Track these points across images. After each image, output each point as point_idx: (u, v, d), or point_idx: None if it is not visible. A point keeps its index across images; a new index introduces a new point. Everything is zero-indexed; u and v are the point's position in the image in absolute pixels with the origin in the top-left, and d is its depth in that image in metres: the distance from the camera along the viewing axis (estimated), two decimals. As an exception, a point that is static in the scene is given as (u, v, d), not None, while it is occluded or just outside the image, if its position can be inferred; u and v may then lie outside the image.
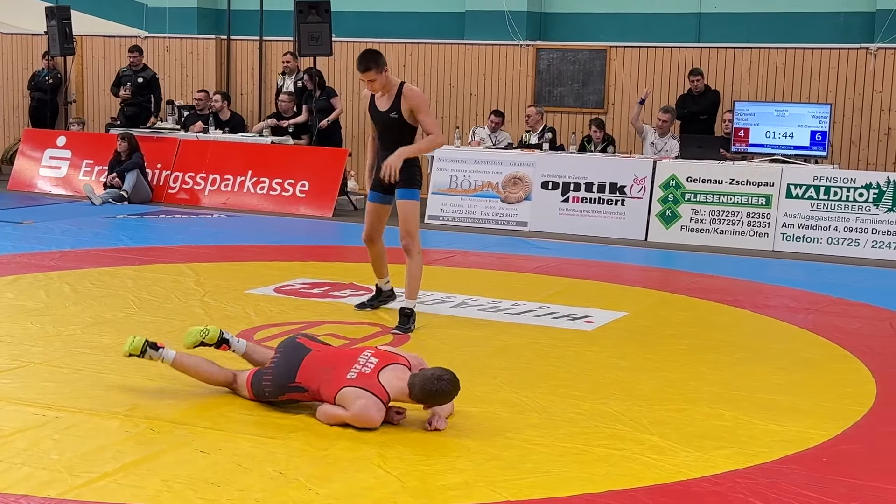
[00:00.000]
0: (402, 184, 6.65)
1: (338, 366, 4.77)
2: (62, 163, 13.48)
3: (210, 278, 8.07)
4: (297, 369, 4.82)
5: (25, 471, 4.12)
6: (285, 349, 4.96)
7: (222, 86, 15.28)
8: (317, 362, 4.83)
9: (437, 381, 4.60)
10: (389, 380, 4.66)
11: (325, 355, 4.90)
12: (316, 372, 4.79)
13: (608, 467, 4.33)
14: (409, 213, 6.70)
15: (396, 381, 4.65)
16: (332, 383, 4.69)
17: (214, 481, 4.05)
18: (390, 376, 4.68)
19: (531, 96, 13.87)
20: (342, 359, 4.83)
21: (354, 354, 4.85)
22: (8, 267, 8.23)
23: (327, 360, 4.85)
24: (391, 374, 4.68)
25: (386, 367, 4.70)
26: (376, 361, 4.73)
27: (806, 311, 7.58)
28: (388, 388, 4.64)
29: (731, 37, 13.31)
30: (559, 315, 7.19)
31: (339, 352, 5.05)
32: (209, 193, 12.75)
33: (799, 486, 4.16)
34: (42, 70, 15.77)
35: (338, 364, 4.78)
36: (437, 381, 4.60)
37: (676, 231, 10.92)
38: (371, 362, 4.72)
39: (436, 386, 4.59)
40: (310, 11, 12.66)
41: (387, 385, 4.65)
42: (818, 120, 10.96)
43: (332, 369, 4.75)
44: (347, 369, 4.72)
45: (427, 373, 4.66)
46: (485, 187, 11.73)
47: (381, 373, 4.69)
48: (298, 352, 4.90)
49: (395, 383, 4.65)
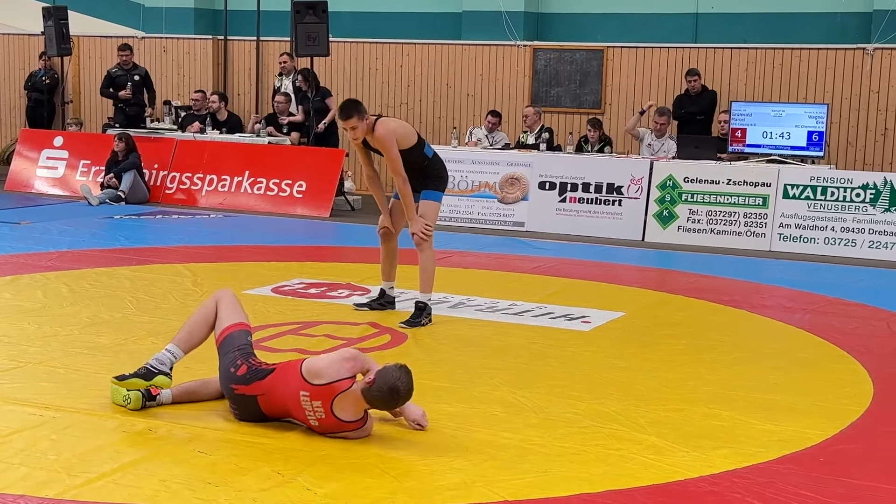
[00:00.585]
0: (429, 185, 6.89)
1: (293, 415, 4.63)
2: (59, 163, 13.46)
3: (207, 278, 8.06)
4: (261, 411, 4.68)
5: (23, 471, 4.11)
6: (237, 403, 4.73)
7: (219, 86, 15.27)
8: (273, 408, 4.67)
9: (392, 392, 4.42)
10: (344, 409, 4.48)
11: (276, 401, 4.65)
12: (279, 413, 4.68)
13: (606, 467, 4.33)
14: (429, 210, 6.86)
15: (351, 407, 4.47)
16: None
17: (212, 481, 4.05)
18: (342, 406, 4.47)
19: (528, 97, 13.88)
20: (293, 408, 4.61)
21: (297, 401, 4.56)
22: (5, 267, 8.22)
23: (280, 407, 4.66)
24: (342, 405, 4.47)
25: (333, 402, 4.48)
26: (320, 404, 4.49)
27: (803, 312, 7.58)
28: (349, 418, 4.49)
29: (727, 37, 13.32)
30: (556, 315, 7.19)
31: (284, 398, 4.64)
32: (206, 194, 12.75)
33: (796, 486, 4.16)
34: (39, 70, 15.76)
35: (292, 413, 4.63)
36: (392, 392, 4.42)
37: (673, 231, 10.93)
38: (318, 409, 4.50)
39: (394, 396, 4.44)
40: (307, 12, 12.66)
41: (345, 416, 4.48)
42: (815, 120, 10.98)
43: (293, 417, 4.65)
44: (307, 421, 4.58)
45: (379, 384, 4.42)
46: (482, 188, 11.73)
47: (334, 409, 4.48)
48: (250, 401, 4.69)
49: (351, 409, 4.47)
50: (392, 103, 14.55)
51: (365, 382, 4.48)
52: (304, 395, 4.52)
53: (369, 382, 4.45)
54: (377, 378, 4.44)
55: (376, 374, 4.47)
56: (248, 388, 4.67)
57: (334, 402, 4.48)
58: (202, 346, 5.09)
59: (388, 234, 7.09)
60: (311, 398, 4.51)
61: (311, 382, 4.51)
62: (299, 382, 4.54)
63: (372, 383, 4.44)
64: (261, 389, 4.65)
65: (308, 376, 4.52)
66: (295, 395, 4.55)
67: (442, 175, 6.98)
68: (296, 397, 4.55)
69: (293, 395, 4.56)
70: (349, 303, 7.35)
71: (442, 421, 4.85)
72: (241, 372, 4.69)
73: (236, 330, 4.88)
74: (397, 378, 4.44)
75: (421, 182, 6.88)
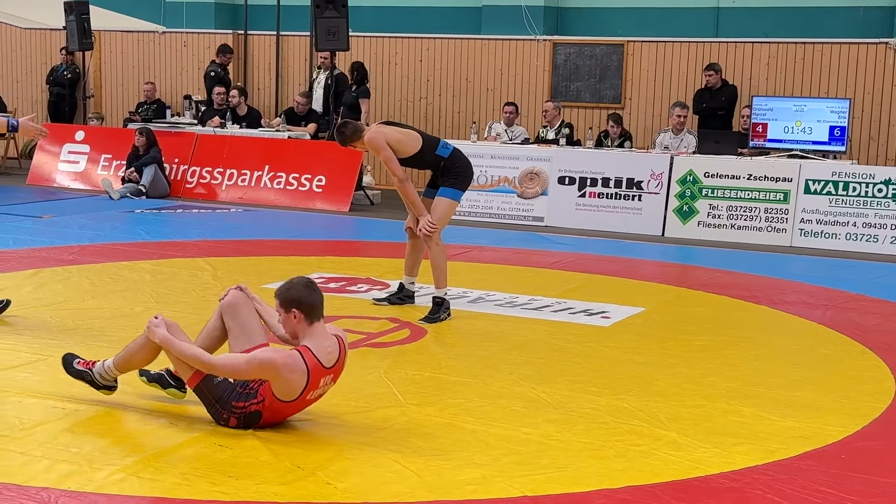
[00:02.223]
0: (447, 183, 6.92)
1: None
2: (81, 157, 13.53)
3: (227, 273, 8.09)
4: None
5: (45, 463, 4.14)
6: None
7: (239, 80, 15.31)
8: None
9: (287, 289, 4.54)
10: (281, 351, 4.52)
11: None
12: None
13: (626, 463, 4.33)
14: (442, 206, 6.89)
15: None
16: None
17: (233, 475, 4.07)
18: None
19: (548, 91, 13.85)
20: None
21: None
22: (27, 261, 8.27)
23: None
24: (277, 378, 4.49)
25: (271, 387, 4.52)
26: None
27: (824, 308, 7.55)
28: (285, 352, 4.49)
29: (749, 31, 13.25)
30: (576, 310, 7.18)
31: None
32: (226, 188, 12.79)
33: (817, 483, 4.15)
34: (61, 65, 15.84)
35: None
36: (287, 289, 4.54)
37: (693, 227, 10.89)
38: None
39: (290, 293, 4.55)
40: (327, 6, 12.68)
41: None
42: (837, 115, 10.91)
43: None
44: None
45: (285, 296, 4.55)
46: (501, 182, 11.72)
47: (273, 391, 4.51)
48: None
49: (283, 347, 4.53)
50: (411, 98, 14.56)
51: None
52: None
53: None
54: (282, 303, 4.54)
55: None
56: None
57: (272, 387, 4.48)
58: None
59: (412, 230, 7.11)
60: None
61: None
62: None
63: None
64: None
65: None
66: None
67: (462, 173, 6.96)
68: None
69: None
70: (369, 297, 7.37)
71: (461, 416, 4.85)
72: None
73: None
74: (287, 287, 4.54)
75: (441, 180, 6.94)
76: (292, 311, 4.56)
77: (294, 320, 4.56)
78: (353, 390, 5.17)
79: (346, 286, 7.77)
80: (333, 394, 5.07)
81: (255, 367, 4.46)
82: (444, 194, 6.91)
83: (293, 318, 4.56)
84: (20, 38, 16.78)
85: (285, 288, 4.60)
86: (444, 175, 6.93)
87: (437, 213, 6.85)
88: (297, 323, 4.56)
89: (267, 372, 4.45)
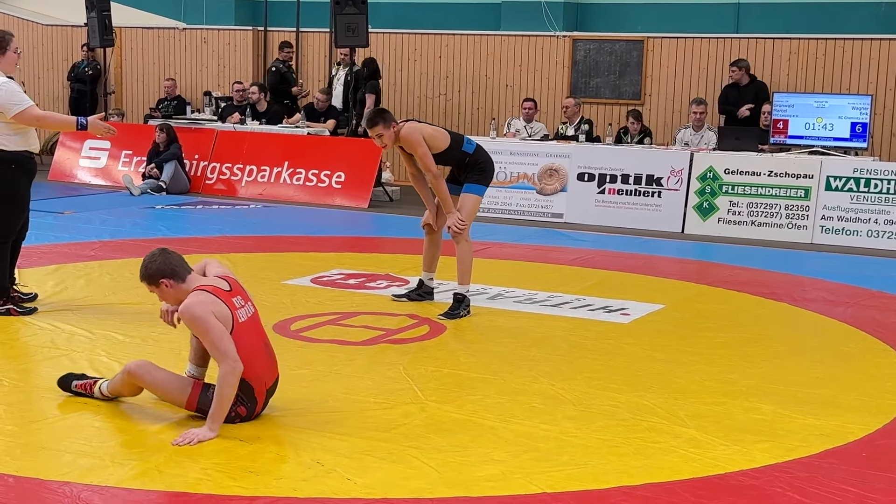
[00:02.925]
0: (472, 179, 6.93)
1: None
2: (101, 153, 13.61)
3: (247, 269, 8.11)
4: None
5: (68, 458, 4.18)
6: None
7: (259, 77, 15.36)
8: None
9: (146, 268, 4.60)
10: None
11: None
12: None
13: (645, 460, 4.33)
14: (468, 203, 6.91)
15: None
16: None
17: (253, 470, 4.09)
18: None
19: (567, 87, 13.83)
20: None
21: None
22: (49, 256, 8.33)
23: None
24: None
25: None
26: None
27: (845, 305, 7.51)
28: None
29: (770, 27, 13.19)
30: (595, 307, 7.17)
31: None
32: (246, 184, 12.83)
33: (838, 481, 4.13)
34: (82, 61, 15.94)
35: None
36: (146, 268, 4.60)
37: (713, 223, 10.86)
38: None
39: (149, 269, 4.60)
40: (346, 3, 12.70)
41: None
42: (858, 111, 10.84)
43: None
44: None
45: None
46: (520, 179, 11.71)
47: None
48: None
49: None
50: (431, 94, 14.56)
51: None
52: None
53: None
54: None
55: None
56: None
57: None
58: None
59: (430, 226, 7.13)
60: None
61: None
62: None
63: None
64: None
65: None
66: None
67: (486, 169, 7.00)
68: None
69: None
70: (388, 293, 7.38)
71: (480, 412, 4.86)
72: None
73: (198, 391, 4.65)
74: (144, 267, 4.60)
75: (465, 176, 6.95)
76: (161, 283, 4.59)
77: (168, 289, 4.60)
78: (373, 386, 5.20)
79: (365, 282, 7.79)
80: (353, 390, 5.12)
81: (210, 334, 4.43)
82: (470, 190, 6.93)
83: (166, 287, 4.59)
84: (42, 34, 16.88)
85: (143, 269, 4.62)
86: (468, 171, 6.95)
87: (465, 210, 6.87)
88: (171, 289, 4.60)
89: (209, 325, 4.41)
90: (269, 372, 4.70)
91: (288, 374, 5.37)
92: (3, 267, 6.42)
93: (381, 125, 6.74)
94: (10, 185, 6.33)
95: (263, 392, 4.64)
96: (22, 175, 6.38)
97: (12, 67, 6.39)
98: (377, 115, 6.82)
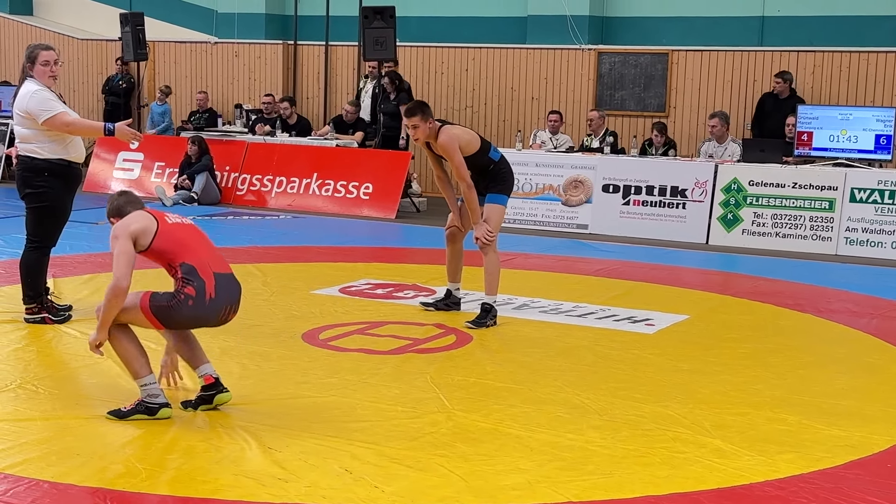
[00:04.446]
0: (494, 189, 6.96)
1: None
2: (135, 165, 13.78)
3: (277, 278, 8.21)
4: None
5: (101, 464, 4.25)
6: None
7: (289, 90, 15.49)
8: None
9: (108, 209, 4.97)
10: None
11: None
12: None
13: (670, 470, 4.35)
14: (493, 214, 6.93)
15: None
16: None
17: (282, 477, 4.15)
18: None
19: (592, 100, 13.88)
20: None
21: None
22: (84, 266, 8.45)
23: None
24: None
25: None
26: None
27: (870, 316, 7.51)
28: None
29: (794, 40, 13.19)
30: (620, 318, 7.21)
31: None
32: (276, 195, 12.96)
33: (863, 492, 4.14)
34: (116, 75, 16.14)
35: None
36: (108, 209, 4.97)
37: (738, 234, 10.87)
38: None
39: (108, 209, 4.98)
40: (375, 17, 12.83)
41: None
42: (883, 123, 10.83)
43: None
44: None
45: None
46: (546, 190, 11.77)
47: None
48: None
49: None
50: (457, 107, 14.65)
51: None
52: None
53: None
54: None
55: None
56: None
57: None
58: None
59: (456, 233, 7.16)
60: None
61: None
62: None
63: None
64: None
65: None
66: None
67: (508, 179, 7.05)
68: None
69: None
70: (415, 303, 7.44)
71: (506, 421, 4.91)
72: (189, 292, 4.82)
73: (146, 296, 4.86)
74: (108, 208, 4.99)
75: (486, 185, 6.96)
76: (111, 220, 4.94)
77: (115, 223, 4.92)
78: (400, 395, 5.26)
79: (392, 292, 7.86)
80: (381, 399, 5.18)
81: (113, 249, 4.78)
82: (494, 200, 6.96)
83: (112, 223, 4.92)
84: (77, 48, 17.11)
85: (107, 210, 5.00)
86: (490, 180, 6.96)
87: (492, 221, 6.91)
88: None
89: (117, 243, 4.76)
90: (213, 260, 4.91)
91: (316, 382, 5.47)
92: (41, 274, 6.53)
93: (419, 116, 6.73)
94: (44, 192, 6.40)
95: (210, 274, 4.82)
96: (58, 183, 6.44)
97: (46, 78, 6.51)
98: (417, 107, 6.80)
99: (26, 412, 4.87)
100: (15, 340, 6.20)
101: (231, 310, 4.93)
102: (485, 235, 6.85)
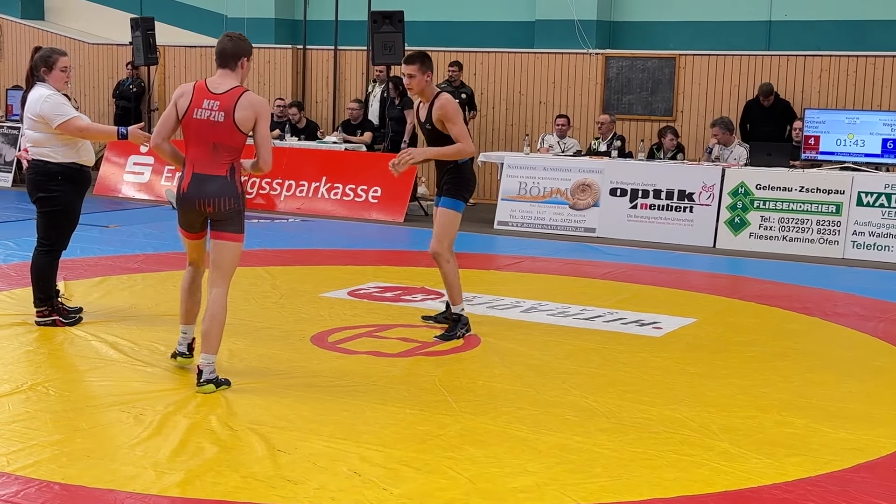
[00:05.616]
0: (447, 192, 6.56)
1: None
2: (145, 168, 13.83)
3: (286, 281, 8.24)
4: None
5: (112, 466, 4.27)
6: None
7: (298, 94, 15.53)
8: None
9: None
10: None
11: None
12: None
13: (678, 473, 4.36)
14: (446, 220, 6.54)
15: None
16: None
17: (292, 479, 4.17)
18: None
19: (600, 104, 13.90)
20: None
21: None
22: (95, 269, 8.49)
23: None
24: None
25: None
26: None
27: (877, 320, 7.52)
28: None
29: (801, 45, 13.19)
30: (628, 321, 7.23)
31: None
32: (285, 199, 13.00)
33: (870, 495, 4.15)
34: (126, 79, 16.20)
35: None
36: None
37: (745, 238, 10.88)
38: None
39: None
40: (384, 21, 12.87)
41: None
42: (890, 127, 10.84)
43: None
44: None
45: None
46: (553, 194, 11.79)
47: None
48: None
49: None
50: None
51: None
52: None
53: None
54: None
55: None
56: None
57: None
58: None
59: (441, 259, 6.58)
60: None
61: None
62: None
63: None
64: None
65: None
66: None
67: (467, 184, 6.57)
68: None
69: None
70: (423, 306, 7.47)
71: (514, 424, 4.93)
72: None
73: None
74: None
75: (443, 186, 6.56)
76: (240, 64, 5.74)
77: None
78: (409, 398, 5.28)
79: (401, 295, 7.89)
80: (390, 401, 5.20)
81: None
82: (450, 206, 6.52)
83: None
84: (88, 53, 17.17)
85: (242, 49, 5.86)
86: (449, 180, 6.50)
87: (448, 230, 6.49)
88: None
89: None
90: (199, 160, 5.40)
91: (325, 385, 5.50)
92: (52, 277, 6.57)
93: (417, 65, 6.37)
94: (57, 196, 6.44)
95: (190, 172, 5.37)
96: (70, 187, 6.48)
97: (61, 84, 6.54)
98: (419, 56, 6.43)
99: (37, 414, 4.91)
100: (26, 343, 6.23)
101: (204, 203, 5.37)
102: (401, 156, 6.32)
